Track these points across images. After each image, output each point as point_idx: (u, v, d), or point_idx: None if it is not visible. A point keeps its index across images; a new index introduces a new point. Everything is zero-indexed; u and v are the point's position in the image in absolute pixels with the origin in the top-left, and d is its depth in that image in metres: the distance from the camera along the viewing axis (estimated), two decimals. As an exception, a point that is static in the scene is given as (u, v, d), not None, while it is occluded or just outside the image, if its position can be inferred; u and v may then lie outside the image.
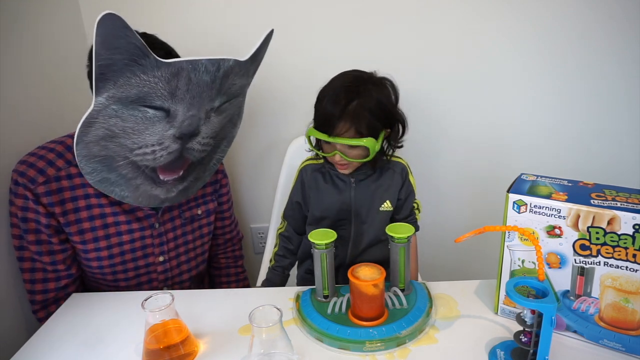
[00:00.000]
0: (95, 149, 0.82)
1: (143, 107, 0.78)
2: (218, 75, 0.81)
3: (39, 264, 0.92)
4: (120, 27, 0.69)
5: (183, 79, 0.77)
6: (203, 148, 0.89)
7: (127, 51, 0.72)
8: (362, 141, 0.86)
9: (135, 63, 0.73)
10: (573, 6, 1.26)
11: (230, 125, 0.98)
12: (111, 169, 0.85)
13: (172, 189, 0.93)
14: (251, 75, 0.93)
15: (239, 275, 1.24)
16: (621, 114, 1.36)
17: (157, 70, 0.75)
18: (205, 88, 0.81)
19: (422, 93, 1.37)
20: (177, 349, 0.72)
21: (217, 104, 0.86)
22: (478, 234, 0.68)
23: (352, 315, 0.80)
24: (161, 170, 0.88)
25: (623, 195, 0.70)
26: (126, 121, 0.79)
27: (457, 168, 1.46)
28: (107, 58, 0.71)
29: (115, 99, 0.76)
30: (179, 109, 0.81)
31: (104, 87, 0.75)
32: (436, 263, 1.51)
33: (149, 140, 0.82)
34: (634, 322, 0.70)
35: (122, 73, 0.74)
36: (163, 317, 0.70)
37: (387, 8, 1.28)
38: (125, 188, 0.89)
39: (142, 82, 0.75)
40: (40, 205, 0.88)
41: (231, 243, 1.22)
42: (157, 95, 0.78)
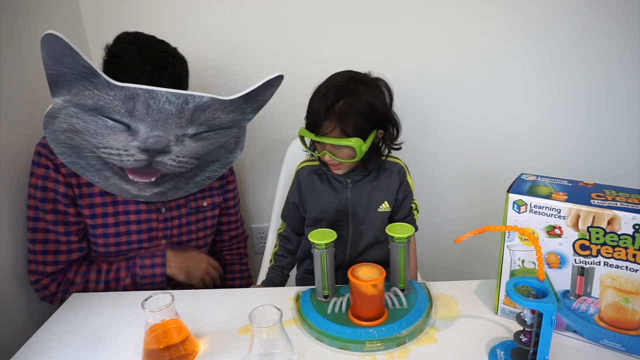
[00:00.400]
0: (62, 137, 0.84)
1: (102, 116, 0.79)
2: (187, 108, 0.81)
3: (52, 235, 0.94)
4: (63, 47, 0.70)
5: (140, 103, 0.78)
6: (179, 165, 0.89)
7: (75, 69, 0.73)
8: (349, 141, 0.85)
9: (86, 79, 0.75)
10: (573, 6, 1.26)
11: (225, 151, 0.97)
12: (80, 157, 0.87)
13: (144, 189, 0.94)
14: (250, 112, 0.93)
15: (243, 272, 1.25)
16: (621, 114, 1.36)
17: (110, 90, 0.76)
18: (170, 116, 0.81)
19: (422, 93, 1.37)
20: (177, 349, 0.72)
21: (193, 132, 0.86)
22: (478, 234, 0.68)
23: (352, 315, 0.80)
24: (130, 172, 0.89)
25: (623, 195, 0.70)
26: (88, 123, 0.81)
27: (457, 168, 1.46)
28: (56, 69, 0.73)
29: (72, 103, 0.78)
30: (140, 127, 0.81)
31: (59, 92, 0.77)
32: (436, 263, 1.51)
33: (113, 144, 0.83)
34: (634, 322, 0.70)
35: (74, 84, 0.76)
36: (163, 317, 0.70)
37: (387, 8, 1.28)
38: (95, 175, 0.91)
39: (96, 96, 0.76)
40: (59, 175, 0.91)
41: (236, 240, 1.23)
42: (114, 111, 0.78)
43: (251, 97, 0.86)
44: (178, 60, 0.92)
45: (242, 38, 1.31)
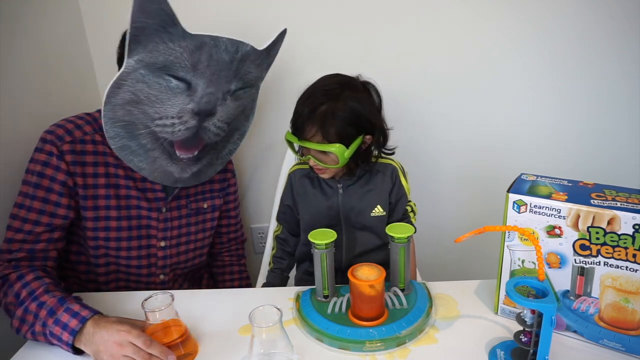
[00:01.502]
0: (120, 113, 0.86)
1: (168, 75, 0.83)
2: (236, 57, 0.86)
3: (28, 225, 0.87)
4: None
5: (205, 53, 0.83)
6: (217, 131, 0.93)
7: (159, 17, 0.78)
8: (331, 147, 0.85)
9: (165, 30, 0.80)
10: (573, 6, 1.26)
11: (243, 118, 1.01)
12: (132, 136, 0.89)
13: (186, 169, 0.97)
14: (265, 68, 0.97)
15: (242, 273, 1.25)
16: (621, 114, 1.36)
17: (183, 41, 0.81)
18: (224, 67, 0.86)
19: (422, 93, 1.37)
20: (177, 349, 0.72)
21: (234, 88, 0.91)
22: (478, 234, 0.68)
23: (352, 315, 0.80)
24: (178, 146, 0.92)
25: (623, 195, 0.70)
26: (151, 88, 0.84)
27: (457, 168, 1.46)
28: (142, 21, 0.78)
29: (144, 64, 0.82)
30: (199, 84, 0.85)
31: (136, 50, 0.81)
32: (436, 263, 1.51)
33: (169, 111, 0.86)
34: (634, 322, 0.70)
35: (152, 38, 0.80)
36: (163, 317, 0.70)
37: (387, 8, 1.28)
38: (144, 159, 0.92)
39: (168, 50, 0.81)
40: (62, 162, 0.90)
41: (235, 242, 1.23)
42: (181, 66, 0.83)
43: (269, 50, 0.92)
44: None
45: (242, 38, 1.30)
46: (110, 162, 0.94)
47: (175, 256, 1.05)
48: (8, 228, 0.89)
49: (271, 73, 1.34)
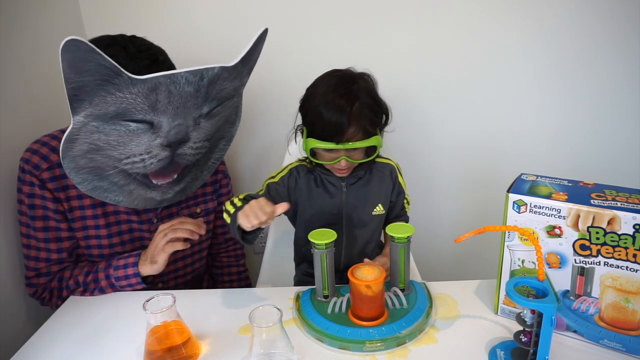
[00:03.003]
0: (82, 162, 0.82)
1: (124, 121, 0.77)
2: (202, 85, 0.79)
3: (43, 253, 0.93)
4: (86, 51, 0.67)
5: (162, 93, 0.76)
6: (197, 152, 0.89)
7: (98, 72, 0.70)
8: (372, 140, 0.86)
9: (108, 82, 0.72)
10: (574, 6, 1.26)
11: (228, 125, 0.97)
12: (102, 177, 0.85)
13: (168, 191, 0.93)
14: (245, 75, 0.91)
15: (241, 274, 1.25)
16: (621, 114, 1.36)
17: (133, 87, 0.73)
18: (190, 98, 0.79)
19: (424, 93, 1.37)
20: (179, 351, 0.72)
21: (207, 110, 0.85)
22: (478, 234, 0.68)
23: (352, 315, 0.80)
24: (153, 176, 0.88)
25: (623, 195, 0.70)
26: (109, 135, 0.78)
27: (456, 168, 1.46)
28: (77, 81, 0.71)
29: (94, 117, 0.76)
30: (163, 120, 0.79)
31: (80, 107, 0.74)
32: (436, 263, 1.51)
33: (136, 150, 0.81)
34: (634, 322, 0.70)
35: (96, 92, 0.73)
36: (164, 319, 0.70)
37: (387, 9, 1.28)
38: (119, 193, 0.89)
39: (118, 100, 0.74)
40: (46, 191, 0.89)
41: (232, 242, 1.22)
42: (137, 110, 0.76)
43: (247, 58, 0.84)
44: (160, 49, 0.90)
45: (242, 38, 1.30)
46: None
47: (172, 264, 1.04)
48: (26, 265, 0.94)
49: (270, 74, 1.35)
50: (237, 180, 1.49)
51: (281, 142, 1.36)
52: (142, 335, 0.71)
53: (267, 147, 1.44)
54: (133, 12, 1.28)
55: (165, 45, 1.36)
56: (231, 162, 1.47)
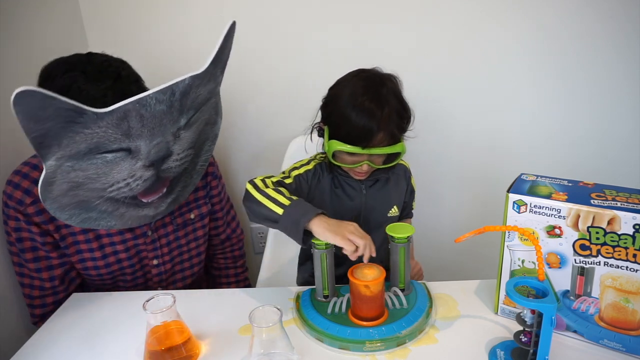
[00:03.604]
0: (65, 200, 0.79)
1: (99, 154, 0.74)
2: (175, 99, 0.76)
3: (37, 282, 0.93)
4: (41, 99, 0.63)
5: (134, 119, 0.73)
6: (182, 162, 0.85)
7: (59, 116, 0.66)
8: (398, 147, 0.84)
9: (73, 123, 0.68)
10: (574, 6, 1.26)
11: (210, 126, 0.94)
12: (89, 209, 0.83)
13: (160, 205, 0.90)
14: (220, 74, 0.88)
15: (239, 275, 1.23)
16: (621, 114, 1.36)
17: (101, 121, 0.70)
18: (164, 115, 0.77)
19: (423, 93, 1.36)
20: (179, 351, 0.72)
21: (184, 122, 0.82)
22: (478, 234, 0.68)
23: (352, 315, 0.80)
24: (142, 195, 0.85)
25: (623, 195, 0.70)
26: (87, 170, 0.75)
27: (457, 168, 1.46)
28: (39, 129, 0.66)
29: (66, 158, 0.72)
30: (141, 144, 0.76)
31: (49, 153, 0.70)
32: (436, 263, 1.51)
33: (118, 177, 0.78)
34: (634, 322, 0.70)
35: (62, 135, 0.69)
36: (164, 319, 0.70)
37: (387, 8, 1.28)
38: (111, 219, 0.87)
39: (88, 137, 0.71)
40: (33, 225, 0.87)
41: (230, 243, 1.21)
42: (110, 141, 0.73)
43: (217, 58, 0.81)
44: (121, 61, 0.85)
45: (241, 38, 1.30)
46: None
47: (170, 270, 1.04)
48: (22, 292, 0.94)
49: (270, 73, 1.35)
50: (236, 180, 1.49)
51: (281, 142, 1.36)
52: (142, 335, 0.71)
53: (267, 148, 1.44)
54: (133, 12, 1.28)
55: (165, 45, 1.37)
56: (231, 161, 1.47)
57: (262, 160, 1.46)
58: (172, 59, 1.30)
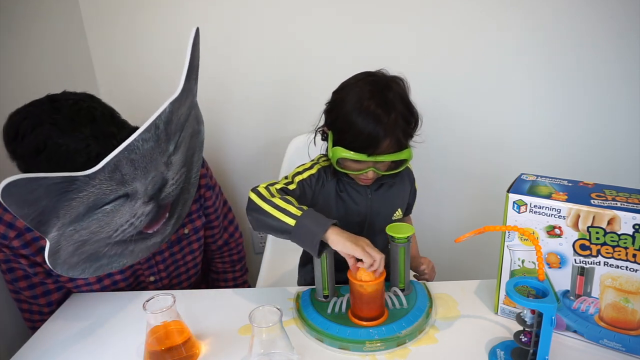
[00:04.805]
0: (74, 260, 0.78)
1: (99, 209, 0.74)
2: (160, 130, 0.75)
3: (35, 307, 0.93)
4: (27, 183, 0.62)
5: (125, 166, 0.72)
6: (177, 184, 0.85)
7: (50, 193, 0.65)
8: (404, 153, 0.82)
9: (66, 192, 0.67)
10: (574, 6, 1.26)
11: (195, 137, 0.92)
12: (99, 258, 0.82)
13: (164, 230, 0.90)
14: (194, 85, 0.85)
15: (237, 279, 1.23)
16: (621, 114, 1.36)
17: (93, 181, 0.69)
18: (154, 151, 0.76)
19: (422, 93, 1.36)
20: (179, 351, 0.72)
21: (173, 147, 0.81)
22: (478, 234, 0.68)
23: (352, 315, 0.80)
24: (147, 228, 0.85)
25: (623, 195, 0.70)
26: (89, 227, 0.74)
27: (457, 168, 1.46)
28: (34, 212, 0.66)
29: (67, 225, 0.71)
30: (137, 185, 0.76)
31: (49, 227, 0.69)
32: (436, 263, 1.50)
33: (121, 221, 0.78)
34: (634, 322, 0.70)
35: (58, 207, 0.68)
36: (164, 319, 0.70)
37: (387, 8, 1.27)
38: (122, 258, 0.86)
39: (83, 198, 0.70)
40: (21, 257, 0.86)
41: (228, 248, 1.20)
42: (106, 194, 0.72)
43: (190, 70, 0.79)
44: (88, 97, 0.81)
45: (241, 39, 1.31)
46: None
47: (167, 284, 1.04)
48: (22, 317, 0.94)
49: (269, 74, 1.34)
50: (236, 180, 1.49)
51: (281, 142, 1.37)
52: (142, 335, 0.71)
53: (266, 148, 1.44)
54: (133, 12, 1.28)
55: (165, 45, 1.36)
56: (231, 161, 1.47)
57: (262, 160, 1.46)
58: (172, 59, 1.30)
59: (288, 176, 0.91)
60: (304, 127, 0.96)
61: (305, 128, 0.95)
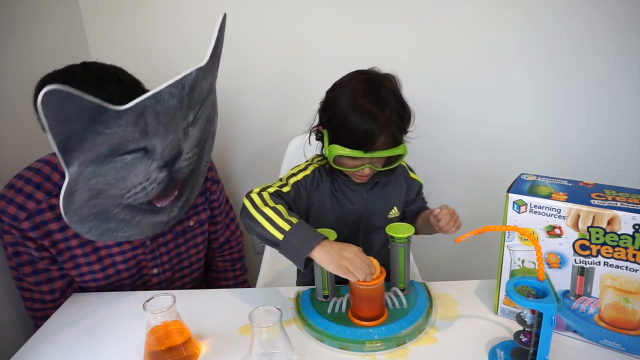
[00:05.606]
0: (85, 211, 0.79)
1: (119, 156, 0.75)
2: (184, 93, 0.78)
3: (37, 295, 0.93)
4: (65, 97, 0.63)
5: (150, 115, 0.74)
6: (190, 162, 0.87)
7: (82, 116, 0.67)
8: (399, 149, 0.83)
9: (96, 122, 0.69)
10: (574, 6, 1.26)
11: (209, 124, 0.95)
12: (108, 219, 0.83)
13: (172, 209, 0.92)
14: (215, 69, 0.88)
15: (238, 278, 1.23)
16: (622, 114, 1.36)
17: (120, 120, 0.71)
18: (176, 111, 0.78)
19: (422, 93, 1.36)
20: (179, 351, 0.72)
21: (192, 117, 0.83)
22: (478, 234, 0.68)
23: (352, 315, 0.80)
24: (156, 199, 0.87)
25: (623, 195, 0.70)
26: (107, 175, 0.76)
27: (457, 168, 1.46)
28: (64, 132, 0.67)
29: (88, 162, 0.72)
30: (156, 143, 0.78)
31: (72, 157, 0.70)
32: (436, 263, 1.51)
33: (135, 181, 0.79)
34: (634, 322, 0.70)
35: (85, 137, 0.69)
36: (164, 319, 0.70)
37: (387, 8, 1.28)
38: (128, 228, 0.87)
39: (109, 137, 0.72)
40: (28, 240, 0.87)
41: (229, 246, 1.21)
42: (129, 141, 0.74)
43: (215, 51, 0.82)
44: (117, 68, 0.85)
45: (242, 39, 1.31)
46: None
47: (170, 277, 1.04)
48: (25, 306, 0.94)
49: (269, 73, 1.35)
50: (235, 180, 1.49)
51: (281, 142, 1.37)
52: (142, 335, 0.71)
53: (266, 148, 1.44)
54: (133, 12, 1.28)
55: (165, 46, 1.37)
56: (230, 161, 1.47)
57: (262, 160, 1.46)
58: (172, 59, 1.30)
59: (283, 178, 0.92)
60: (303, 127, 0.96)
61: (304, 129, 0.96)
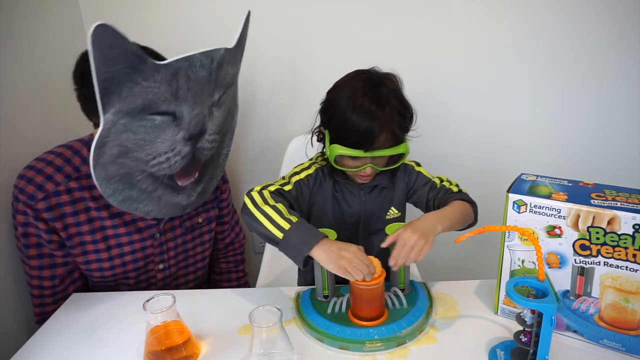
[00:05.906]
0: (112, 169, 0.81)
1: (150, 115, 0.78)
2: (213, 67, 0.82)
3: (35, 281, 0.93)
4: (114, 36, 0.67)
5: (182, 78, 0.78)
6: (212, 145, 0.90)
7: (124, 60, 0.71)
8: (401, 147, 0.83)
9: (135, 70, 0.73)
10: (574, 6, 1.26)
11: (230, 118, 0.98)
12: (131, 185, 0.85)
13: (191, 194, 0.95)
14: (239, 61, 0.92)
15: (240, 279, 1.24)
16: (621, 114, 1.37)
17: (157, 74, 0.75)
18: (204, 83, 0.81)
19: (422, 93, 1.36)
20: (179, 351, 0.72)
21: (217, 97, 0.87)
22: (478, 234, 0.68)
23: (352, 315, 0.80)
24: (178, 176, 0.89)
25: (623, 195, 0.70)
26: (137, 133, 0.79)
27: (456, 167, 1.46)
28: (107, 71, 0.70)
29: (123, 113, 0.76)
30: (184, 110, 0.81)
31: (110, 102, 0.73)
32: (436, 263, 1.51)
33: (161, 148, 0.82)
34: (634, 322, 0.70)
35: (124, 83, 0.73)
36: (164, 319, 0.70)
37: (388, 8, 1.28)
38: (148, 202, 0.89)
39: (144, 90, 0.75)
40: (40, 221, 0.88)
41: (232, 247, 1.22)
42: (161, 100, 0.78)
43: (240, 41, 0.87)
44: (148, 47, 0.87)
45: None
46: (91, 207, 0.91)
47: (175, 274, 1.05)
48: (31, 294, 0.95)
49: (270, 73, 1.35)
50: (236, 180, 1.49)
51: (281, 142, 1.37)
52: (142, 335, 0.71)
53: (266, 148, 1.44)
54: (133, 12, 1.27)
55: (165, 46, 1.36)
56: (231, 161, 1.47)
57: (262, 159, 1.46)
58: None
59: (285, 176, 0.92)
60: (303, 128, 0.96)
61: (305, 128, 0.96)
